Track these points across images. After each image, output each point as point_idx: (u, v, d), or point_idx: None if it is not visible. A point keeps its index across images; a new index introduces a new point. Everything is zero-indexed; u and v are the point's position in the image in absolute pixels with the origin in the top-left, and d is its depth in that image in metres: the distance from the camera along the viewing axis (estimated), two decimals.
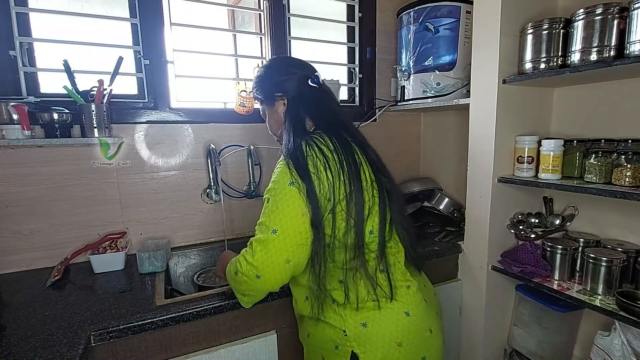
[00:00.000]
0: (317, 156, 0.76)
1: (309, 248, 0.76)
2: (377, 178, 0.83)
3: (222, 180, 1.46)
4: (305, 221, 0.74)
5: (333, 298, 0.79)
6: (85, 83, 1.20)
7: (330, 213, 0.76)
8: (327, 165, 0.76)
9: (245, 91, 1.43)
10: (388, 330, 0.77)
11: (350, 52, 1.78)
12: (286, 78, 0.92)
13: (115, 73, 1.21)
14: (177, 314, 0.92)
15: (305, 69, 0.95)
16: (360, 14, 1.71)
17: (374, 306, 0.78)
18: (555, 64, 1.12)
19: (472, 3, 1.27)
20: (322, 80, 0.96)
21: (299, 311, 0.89)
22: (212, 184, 1.42)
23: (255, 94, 1.01)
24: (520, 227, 1.29)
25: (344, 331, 0.77)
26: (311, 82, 0.92)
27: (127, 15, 1.32)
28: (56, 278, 1.11)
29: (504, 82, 1.20)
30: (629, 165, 0.99)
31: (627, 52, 0.94)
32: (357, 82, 1.77)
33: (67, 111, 1.16)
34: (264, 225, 0.75)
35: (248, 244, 0.77)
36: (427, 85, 1.52)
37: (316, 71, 0.96)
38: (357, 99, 1.79)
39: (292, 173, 0.75)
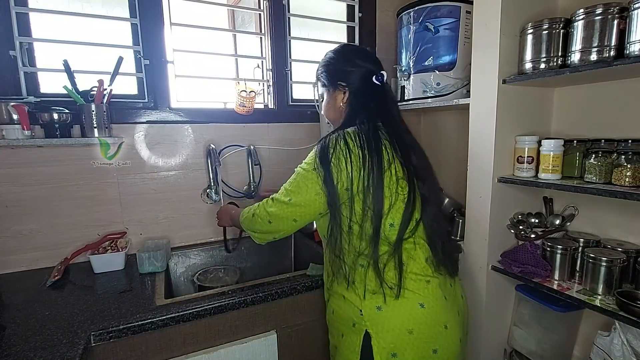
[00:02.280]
0: (342, 150, 0.83)
1: (315, 217, 0.90)
2: (409, 178, 0.86)
3: (222, 180, 1.46)
4: (317, 199, 0.86)
5: (353, 279, 0.85)
6: (85, 83, 1.20)
7: (348, 201, 0.84)
8: (349, 159, 0.82)
9: (245, 91, 1.43)
10: (400, 317, 0.81)
11: None
12: (352, 70, 0.95)
13: (115, 73, 1.21)
14: (177, 314, 0.92)
15: (372, 64, 0.97)
16: (360, 14, 1.71)
17: (381, 299, 0.82)
18: (555, 64, 1.12)
19: (472, 3, 1.27)
20: (386, 79, 0.98)
21: (330, 287, 0.94)
22: (212, 184, 1.42)
23: (318, 76, 1.03)
24: (520, 227, 1.28)
25: (360, 310, 0.83)
26: (375, 79, 0.94)
27: (127, 15, 1.32)
28: (56, 278, 1.11)
29: (504, 82, 1.20)
30: (629, 165, 0.99)
31: (627, 52, 0.94)
32: None
33: (67, 111, 1.16)
34: (286, 190, 0.89)
35: (270, 197, 0.93)
36: (427, 85, 1.52)
37: (382, 68, 0.98)
38: None
39: (316, 161, 0.85)
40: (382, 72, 0.96)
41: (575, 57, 1.05)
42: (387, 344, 0.80)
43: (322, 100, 1.04)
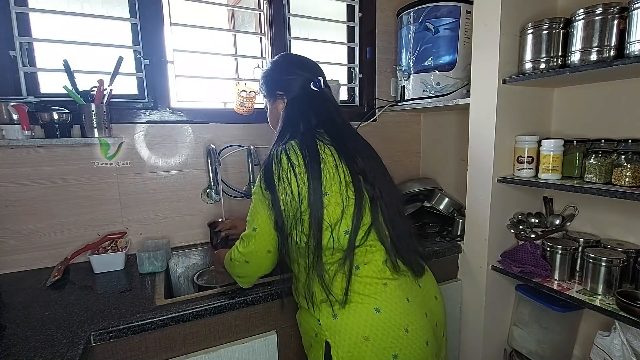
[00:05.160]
0: (285, 168, 0.82)
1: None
2: (354, 180, 0.84)
3: (222, 180, 1.46)
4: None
5: (313, 290, 0.84)
6: (85, 83, 1.20)
7: (299, 219, 0.81)
8: (294, 173, 0.81)
9: (245, 91, 1.43)
10: (355, 324, 0.79)
11: (350, 52, 1.78)
12: (290, 78, 0.96)
13: (115, 73, 1.21)
14: (177, 314, 0.92)
15: (310, 71, 0.97)
16: (360, 14, 1.71)
17: (336, 307, 0.81)
18: (555, 64, 1.12)
19: (472, 3, 1.27)
20: (325, 82, 0.98)
21: (296, 299, 0.95)
22: (212, 184, 1.42)
23: (260, 87, 1.06)
24: (520, 227, 1.29)
25: (318, 320, 0.82)
26: (313, 85, 0.95)
27: (127, 15, 1.32)
28: (56, 278, 1.11)
29: (504, 82, 1.20)
30: (629, 165, 0.99)
31: (627, 52, 0.94)
32: (357, 82, 1.77)
33: (67, 111, 1.16)
34: (249, 223, 0.87)
35: (240, 237, 0.90)
36: (427, 85, 1.52)
37: (320, 74, 0.98)
38: (357, 99, 1.79)
39: (262, 184, 0.85)
40: (319, 77, 0.96)
41: (575, 57, 1.05)
42: (345, 353, 0.78)
43: (267, 112, 1.05)
